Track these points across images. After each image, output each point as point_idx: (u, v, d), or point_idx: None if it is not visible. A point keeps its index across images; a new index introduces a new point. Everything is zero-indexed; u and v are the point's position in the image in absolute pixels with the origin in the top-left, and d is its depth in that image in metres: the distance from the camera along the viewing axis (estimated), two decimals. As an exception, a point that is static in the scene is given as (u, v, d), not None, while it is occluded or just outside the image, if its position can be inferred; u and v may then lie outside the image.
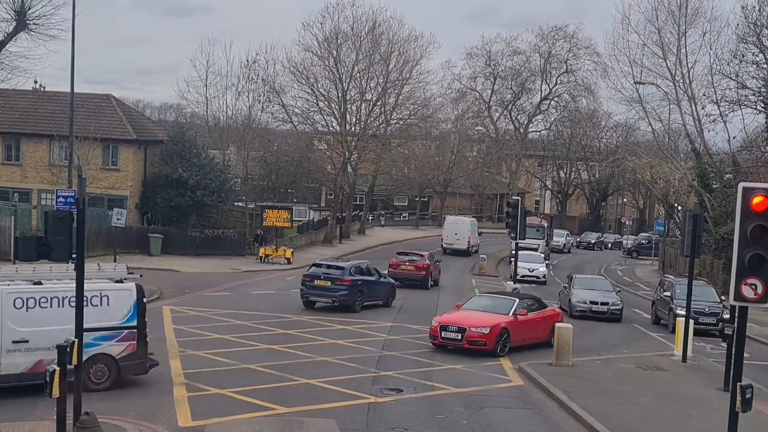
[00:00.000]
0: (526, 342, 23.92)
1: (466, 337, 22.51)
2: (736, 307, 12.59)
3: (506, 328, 23.10)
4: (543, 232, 58.56)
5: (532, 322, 24.35)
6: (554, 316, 25.30)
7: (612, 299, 32.62)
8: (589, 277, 38.10)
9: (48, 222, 13.43)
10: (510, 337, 23.11)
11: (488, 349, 22.42)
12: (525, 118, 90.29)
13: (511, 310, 23.94)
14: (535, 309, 25.03)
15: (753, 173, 44.42)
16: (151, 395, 16.56)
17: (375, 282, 31.66)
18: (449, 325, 23.06)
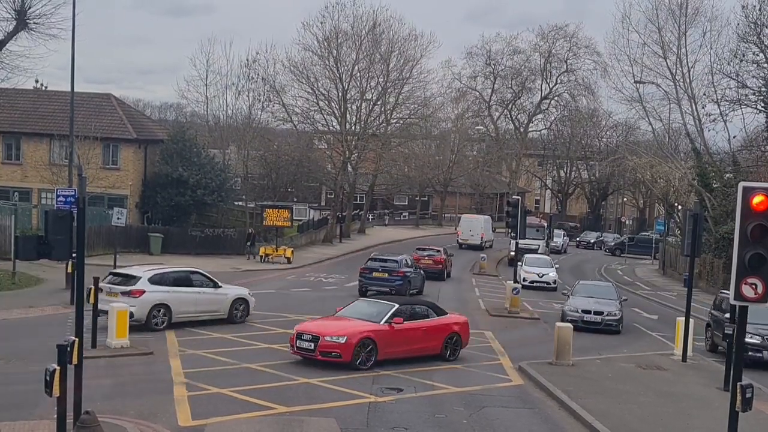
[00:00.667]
0: (406, 354, 20.69)
1: (319, 348, 19.45)
2: (737, 306, 12.59)
3: (370, 337, 19.91)
4: (543, 232, 57.95)
5: (412, 332, 20.96)
6: (451, 326, 21.94)
7: (609, 309, 28.92)
8: (593, 283, 33.89)
9: (48, 221, 13.43)
10: (377, 349, 19.90)
11: (344, 361, 19.39)
12: (525, 117, 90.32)
13: (385, 317, 20.66)
14: (421, 317, 21.59)
15: (753, 173, 44.44)
16: (151, 394, 16.56)
17: (415, 273, 36.01)
18: (304, 333, 19.95)
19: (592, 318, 28.50)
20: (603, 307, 28.98)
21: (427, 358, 21.23)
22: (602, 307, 28.99)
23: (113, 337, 20.53)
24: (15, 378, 17.34)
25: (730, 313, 21.27)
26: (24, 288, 30.50)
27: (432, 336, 21.44)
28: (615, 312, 28.86)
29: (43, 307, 26.55)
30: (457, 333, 22.01)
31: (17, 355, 19.52)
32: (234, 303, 25.84)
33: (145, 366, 19.25)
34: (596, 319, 28.47)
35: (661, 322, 33.02)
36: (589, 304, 29.11)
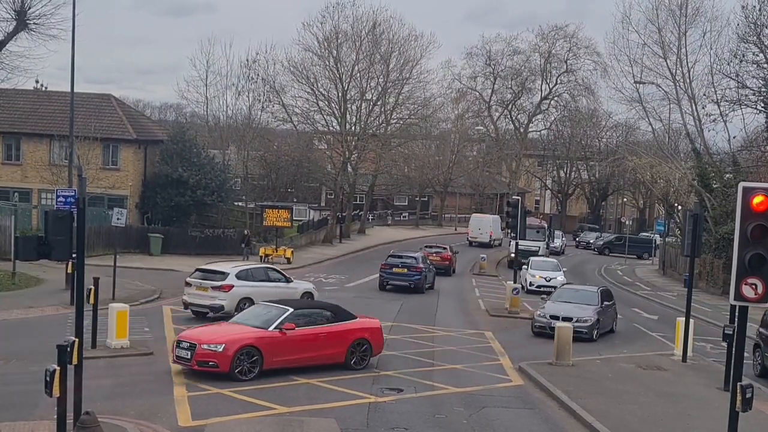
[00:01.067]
0: (301, 363, 18.91)
1: (195, 356, 17.79)
2: (737, 306, 12.59)
3: (254, 345, 18.09)
4: (543, 233, 57.14)
5: (308, 339, 19.11)
6: (357, 332, 20.01)
7: (581, 314, 26.39)
8: (575, 288, 30.67)
9: (48, 222, 13.42)
10: (263, 357, 18.16)
11: (222, 371, 17.66)
12: (525, 117, 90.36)
13: (274, 323, 18.76)
14: (323, 322, 19.67)
15: (753, 173, 44.42)
16: (151, 395, 16.56)
17: (428, 269, 38.18)
18: (183, 340, 18.35)
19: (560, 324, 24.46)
20: (575, 312, 26.44)
21: (424, 355, 21.21)
22: (574, 312, 26.40)
23: (113, 338, 20.54)
24: (15, 378, 17.34)
25: None
26: (24, 288, 30.50)
27: (333, 343, 19.43)
28: (586, 318, 26.35)
29: (43, 308, 26.56)
30: (366, 339, 19.99)
31: (17, 355, 19.52)
32: (302, 296, 28.24)
33: (145, 366, 19.26)
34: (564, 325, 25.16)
35: (661, 323, 33.01)
36: (560, 310, 26.71)
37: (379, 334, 20.83)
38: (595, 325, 26.64)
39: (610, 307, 28.61)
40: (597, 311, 27.07)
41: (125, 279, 32.52)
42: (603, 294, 28.60)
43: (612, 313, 28.86)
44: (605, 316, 27.75)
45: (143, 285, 33.13)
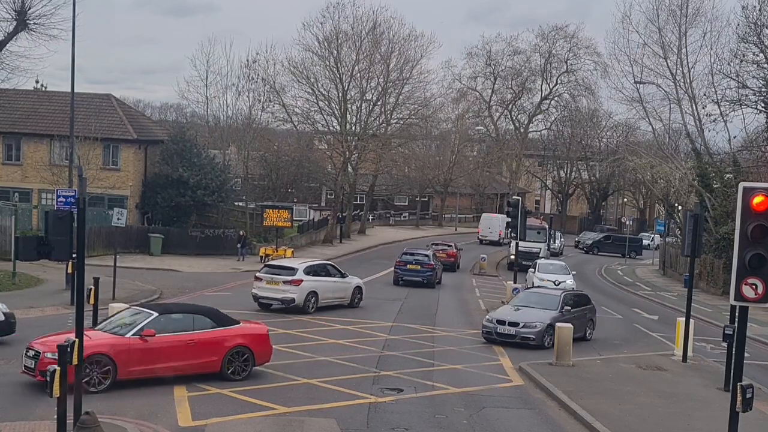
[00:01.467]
0: (166, 372, 17.47)
1: (39, 366, 16.18)
2: (737, 307, 12.59)
3: (105, 353, 16.53)
4: (544, 234, 56.31)
5: (175, 346, 17.49)
6: (235, 339, 18.32)
7: (532, 320, 24.56)
8: (538, 291, 28.72)
9: (48, 222, 13.43)
10: (117, 366, 16.65)
11: None
12: (525, 117, 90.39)
13: (134, 329, 17.27)
14: (192, 328, 18.00)
15: (753, 173, 44.41)
16: (152, 395, 16.55)
17: (437, 265, 40.83)
18: (31, 348, 16.96)
19: (506, 330, 24.35)
20: (524, 317, 24.74)
21: (424, 355, 21.19)
22: (523, 318, 24.74)
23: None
24: (15, 378, 17.32)
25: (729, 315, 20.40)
26: (24, 288, 30.49)
27: (205, 350, 17.84)
28: (535, 324, 24.39)
29: (43, 308, 26.56)
30: (247, 347, 18.31)
31: (17, 355, 19.49)
32: (354, 290, 30.94)
33: (146, 366, 19.20)
34: (510, 331, 24.27)
35: (662, 323, 33.02)
36: (509, 315, 25.15)
37: (265, 342, 18.92)
38: (547, 332, 24.17)
39: (580, 313, 26.18)
40: (553, 317, 24.60)
41: (125, 279, 32.52)
42: (568, 299, 26.05)
43: (583, 320, 26.37)
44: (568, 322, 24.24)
45: (143, 285, 33.13)
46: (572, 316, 25.36)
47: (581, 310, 26.53)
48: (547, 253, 52.97)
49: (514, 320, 24.58)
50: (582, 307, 26.72)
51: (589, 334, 26.78)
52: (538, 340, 24.30)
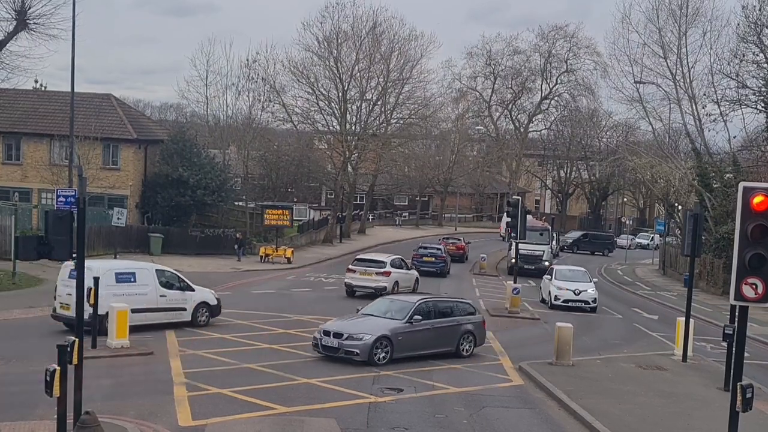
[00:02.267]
0: None
1: None
2: (737, 306, 12.59)
3: None
4: (548, 236, 52.35)
5: None
6: None
7: (359, 332, 20.66)
8: (390, 298, 24.07)
9: (48, 221, 13.43)
10: None
11: None
12: (525, 117, 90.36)
13: None
14: None
15: (753, 173, 44.44)
16: (152, 395, 16.56)
17: (447, 258, 46.10)
18: None
19: (330, 342, 20.67)
20: (352, 329, 20.92)
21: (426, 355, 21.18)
22: (351, 329, 20.92)
23: (113, 338, 20.54)
24: (15, 378, 17.34)
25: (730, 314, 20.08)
26: (24, 288, 30.50)
27: None
28: (362, 336, 20.53)
29: (43, 308, 26.51)
30: None
31: (17, 355, 19.52)
32: (415, 280, 35.91)
33: (145, 366, 19.26)
34: (333, 343, 20.59)
35: (662, 323, 33.01)
36: (336, 324, 21.56)
37: None
38: (380, 346, 20.47)
39: (444, 325, 22.16)
40: (393, 329, 20.94)
41: (125, 279, 32.44)
42: (423, 308, 21.95)
43: (449, 333, 22.23)
44: (417, 334, 21.33)
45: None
46: (426, 327, 21.55)
47: (448, 321, 22.27)
48: (550, 256, 50.61)
49: (338, 331, 20.71)
50: (450, 317, 22.44)
51: (465, 349, 22.40)
52: (364, 354, 20.16)
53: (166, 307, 24.20)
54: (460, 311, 23.02)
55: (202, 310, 25.06)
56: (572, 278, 35.56)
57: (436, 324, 21.99)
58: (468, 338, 22.60)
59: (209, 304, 25.23)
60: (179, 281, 25.01)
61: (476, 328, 22.96)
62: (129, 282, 23.48)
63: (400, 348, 20.88)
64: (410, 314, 21.54)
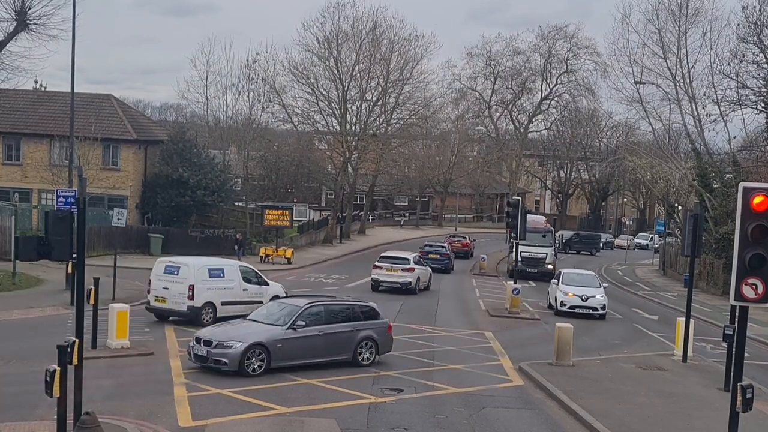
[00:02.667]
0: None
1: None
2: (737, 307, 12.59)
3: None
4: (551, 237, 49.55)
5: None
6: None
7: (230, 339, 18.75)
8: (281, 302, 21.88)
9: (48, 222, 13.43)
10: None
11: None
12: (525, 117, 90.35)
13: None
14: None
15: (753, 173, 44.40)
16: (152, 395, 16.57)
17: (451, 255, 49.17)
18: None
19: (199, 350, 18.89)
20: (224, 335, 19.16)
21: (424, 355, 21.16)
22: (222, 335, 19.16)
23: (113, 338, 20.54)
24: (15, 379, 17.34)
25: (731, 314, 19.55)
26: (24, 289, 30.49)
27: None
28: (233, 344, 18.66)
29: (43, 308, 26.55)
30: None
31: (17, 355, 19.52)
32: (429, 276, 38.76)
33: (145, 366, 19.26)
34: (202, 351, 18.78)
35: (662, 323, 33.00)
36: (209, 331, 19.85)
37: None
38: (252, 354, 18.60)
39: (336, 331, 20.17)
40: (272, 336, 19.04)
41: (125, 279, 32.51)
42: (311, 313, 20.03)
43: (344, 340, 20.23)
44: (302, 341, 19.39)
45: (143, 285, 33.05)
46: (314, 334, 19.63)
47: (342, 327, 20.31)
48: (553, 258, 48.56)
49: (208, 338, 18.96)
50: (346, 323, 20.48)
51: (365, 358, 20.42)
52: (233, 364, 18.35)
53: (248, 300, 25.92)
54: (360, 316, 20.90)
55: None
56: (580, 283, 33.42)
57: (326, 330, 19.90)
58: (368, 345, 20.46)
59: (279, 297, 26.61)
60: (256, 276, 27.23)
61: (379, 334, 20.78)
62: (219, 277, 25.71)
63: (280, 357, 18.94)
64: (293, 320, 19.52)
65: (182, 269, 25.21)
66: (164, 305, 25.17)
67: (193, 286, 24.51)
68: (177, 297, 24.89)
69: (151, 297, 25.56)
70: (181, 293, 24.82)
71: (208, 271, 25.52)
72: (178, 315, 25.23)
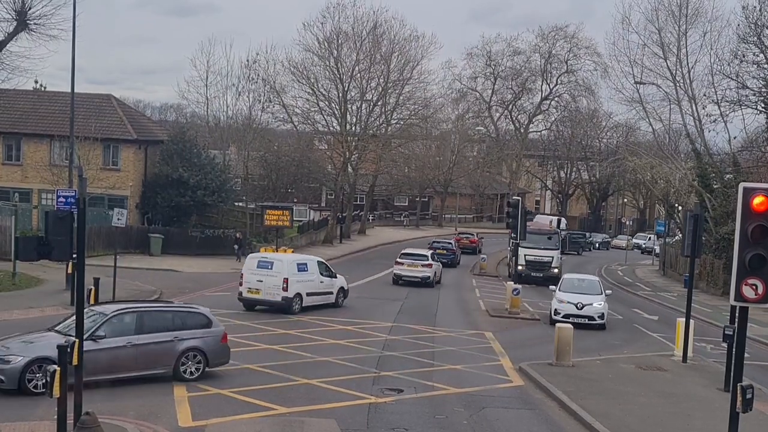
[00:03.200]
0: None
1: None
2: (737, 307, 12.59)
3: None
4: (557, 240, 45.75)
5: None
6: None
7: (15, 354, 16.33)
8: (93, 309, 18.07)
9: (49, 222, 13.43)
10: None
11: None
12: (525, 118, 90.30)
13: None
14: None
15: (753, 173, 44.43)
16: (152, 395, 16.56)
17: (457, 251, 54.03)
18: None
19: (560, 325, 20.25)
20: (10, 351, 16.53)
21: (424, 355, 21.16)
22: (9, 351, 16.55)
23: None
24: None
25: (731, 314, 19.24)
26: (24, 289, 30.49)
27: None
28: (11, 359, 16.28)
29: (43, 308, 26.55)
30: None
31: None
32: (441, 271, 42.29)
33: (146, 367, 19.20)
34: None
35: (662, 323, 33.01)
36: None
37: None
38: (29, 371, 16.04)
39: (147, 343, 17.58)
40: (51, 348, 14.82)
41: (125, 279, 32.53)
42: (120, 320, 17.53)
43: (160, 351, 17.77)
44: (106, 354, 16.86)
45: (143, 285, 33.14)
46: (121, 345, 17.17)
47: (159, 337, 17.85)
48: (559, 262, 44.90)
49: None
50: (165, 332, 17.99)
51: (190, 372, 18.03)
52: (12, 382, 15.98)
53: (323, 291, 30.08)
54: (185, 324, 18.33)
55: (340, 294, 31.05)
56: (579, 289, 30.50)
57: (137, 341, 17.42)
58: (194, 357, 18.09)
59: (344, 288, 31.27)
60: (327, 269, 30.88)
61: (208, 344, 18.35)
62: (305, 271, 29.43)
63: None
64: (92, 330, 16.78)
65: (276, 264, 28.72)
66: (258, 296, 28.50)
67: (287, 279, 28.23)
68: (272, 289, 28.32)
69: (244, 289, 28.70)
70: (276, 285, 28.24)
71: (296, 266, 29.26)
72: (271, 305, 28.46)
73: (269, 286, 28.29)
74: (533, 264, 43.15)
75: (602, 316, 29.61)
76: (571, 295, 29.89)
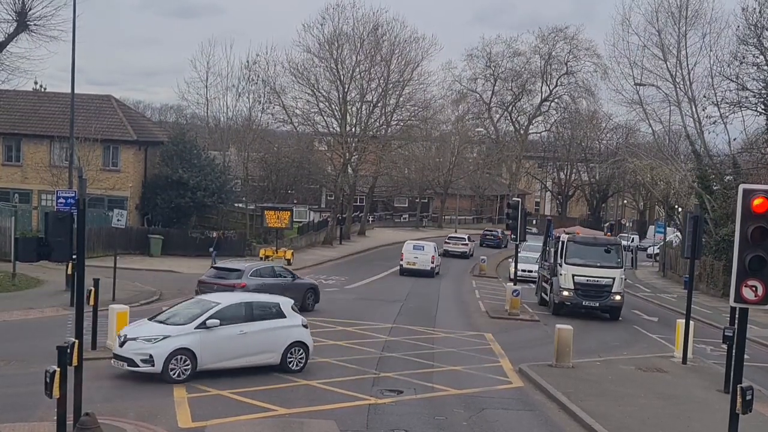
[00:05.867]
0: None
1: None
2: (737, 308, 12.58)
3: None
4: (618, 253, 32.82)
5: None
6: None
7: None
8: None
9: (48, 223, 13.43)
10: None
11: None
12: (525, 119, 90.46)
13: None
14: None
15: (753, 175, 44.36)
16: (151, 396, 16.56)
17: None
18: None
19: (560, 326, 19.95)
20: None
21: (424, 356, 21.15)
22: None
23: (113, 339, 20.48)
24: (15, 380, 17.33)
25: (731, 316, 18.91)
26: (24, 289, 30.49)
27: None
28: None
29: (43, 309, 26.54)
30: None
31: (17, 356, 19.51)
32: None
33: (145, 367, 19.20)
34: None
35: (661, 325, 32.99)
36: None
37: None
38: None
39: None
40: None
41: (125, 280, 32.52)
42: None
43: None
44: None
45: (143, 286, 33.14)
46: None
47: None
48: (622, 287, 32.59)
49: None
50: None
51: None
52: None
53: None
54: None
55: None
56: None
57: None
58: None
59: None
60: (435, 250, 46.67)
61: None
62: (437, 252, 46.63)
63: None
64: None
65: (426, 247, 45.62)
66: (414, 267, 44.26)
67: (434, 256, 44.91)
68: (424, 263, 44.27)
69: (404, 262, 44.63)
70: (427, 260, 44.36)
71: (434, 248, 45.78)
72: (424, 274, 43.78)
73: (423, 260, 44.55)
74: (586, 288, 31.31)
75: None
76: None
